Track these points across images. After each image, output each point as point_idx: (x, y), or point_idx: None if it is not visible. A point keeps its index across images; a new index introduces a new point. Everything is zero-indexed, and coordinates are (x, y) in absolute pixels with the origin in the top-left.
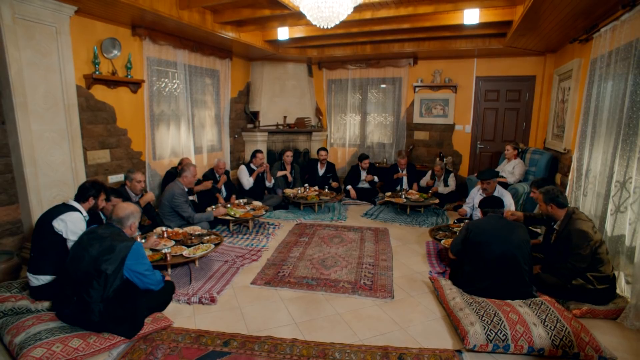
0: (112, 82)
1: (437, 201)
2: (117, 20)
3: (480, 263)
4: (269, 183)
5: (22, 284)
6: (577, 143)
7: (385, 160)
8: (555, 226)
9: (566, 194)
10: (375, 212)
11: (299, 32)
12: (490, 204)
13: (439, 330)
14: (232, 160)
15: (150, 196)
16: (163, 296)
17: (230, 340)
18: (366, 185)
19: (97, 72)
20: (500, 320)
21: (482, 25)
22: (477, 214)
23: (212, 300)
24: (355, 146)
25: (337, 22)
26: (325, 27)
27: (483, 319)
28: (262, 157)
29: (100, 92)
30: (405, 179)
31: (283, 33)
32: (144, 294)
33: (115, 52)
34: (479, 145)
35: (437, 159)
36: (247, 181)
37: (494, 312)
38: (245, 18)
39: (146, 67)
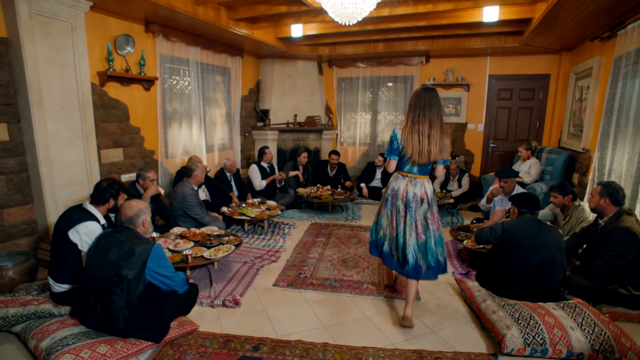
0: (125, 80)
1: (451, 201)
2: (130, 16)
3: (514, 268)
4: (280, 183)
5: (41, 285)
6: (598, 142)
7: None
8: (601, 221)
9: (586, 193)
10: None
11: (312, 29)
12: (527, 203)
13: (470, 333)
14: (243, 159)
15: (152, 190)
16: (187, 299)
17: (260, 344)
18: (379, 184)
19: (111, 69)
20: (536, 323)
21: (499, 23)
22: (492, 213)
23: (236, 303)
24: (365, 145)
25: (360, 19)
26: (347, 23)
27: (519, 322)
28: (270, 152)
29: (113, 90)
30: None
31: (297, 30)
32: (169, 298)
33: (129, 48)
34: (491, 145)
35: (450, 158)
36: (260, 183)
37: (529, 315)
38: (259, 15)
39: (159, 64)
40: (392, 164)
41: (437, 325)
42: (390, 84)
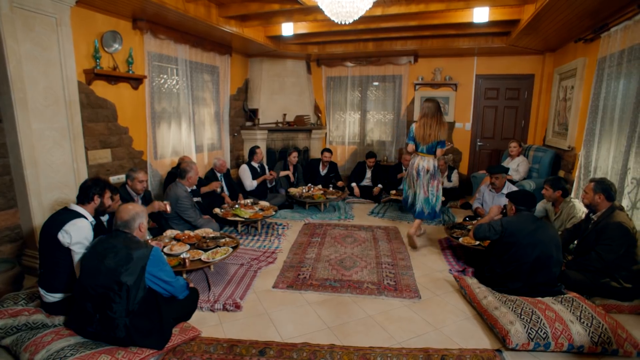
0: (112, 78)
1: (442, 199)
2: (117, 12)
3: (513, 264)
4: (270, 183)
5: (29, 294)
6: (584, 141)
7: (385, 158)
8: (593, 217)
9: (573, 190)
10: (381, 211)
11: (303, 28)
12: (525, 201)
13: (472, 329)
14: (232, 159)
15: (159, 205)
16: (188, 304)
17: (266, 349)
18: (370, 183)
19: (98, 67)
20: (538, 318)
21: (488, 23)
22: (485, 209)
23: (237, 306)
24: (354, 144)
25: (356, 18)
26: (343, 22)
27: (522, 317)
28: (261, 152)
29: (100, 89)
30: None
31: (287, 29)
32: (169, 303)
33: (116, 46)
34: (478, 143)
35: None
36: (250, 183)
37: (531, 311)
38: (251, 12)
39: (147, 63)
40: (410, 146)
41: (439, 323)
42: (375, 83)
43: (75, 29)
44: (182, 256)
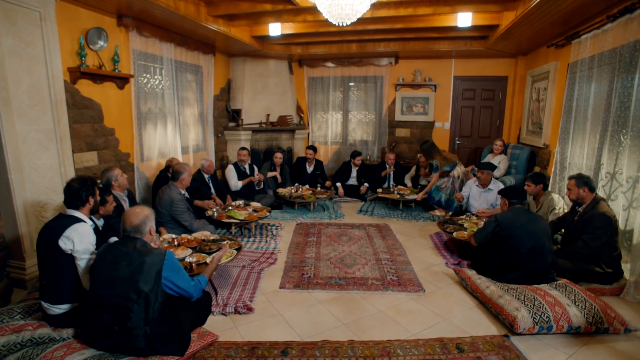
0: (98, 77)
1: (424, 196)
2: (102, 8)
3: (510, 255)
4: (258, 186)
5: (25, 308)
6: (558, 139)
7: (368, 157)
8: (579, 209)
9: (550, 184)
10: (369, 209)
11: (289, 28)
12: (516, 194)
13: (479, 318)
14: (216, 160)
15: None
16: (203, 309)
17: (287, 349)
18: (355, 182)
19: (83, 65)
20: (540, 303)
21: (469, 28)
22: (473, 203)
23: (249, 309)
24: (337, 144)
25: (354, 20)
26: (341, 24)
27: (525, 303)
28: (244, 153)
29: (86, 88)
30: (392, 175)
31: (275, 29)
32: (185, 308)
33: (101, 43)
34: (457, 142)
35: (419, 154)
36: (235, 183)
37: (532, 297)
38: (240, 12)
39: (133, 61)
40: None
41: (447, 314)
42: (351, 84)
43: (59, 25)
44: (187, 260)
